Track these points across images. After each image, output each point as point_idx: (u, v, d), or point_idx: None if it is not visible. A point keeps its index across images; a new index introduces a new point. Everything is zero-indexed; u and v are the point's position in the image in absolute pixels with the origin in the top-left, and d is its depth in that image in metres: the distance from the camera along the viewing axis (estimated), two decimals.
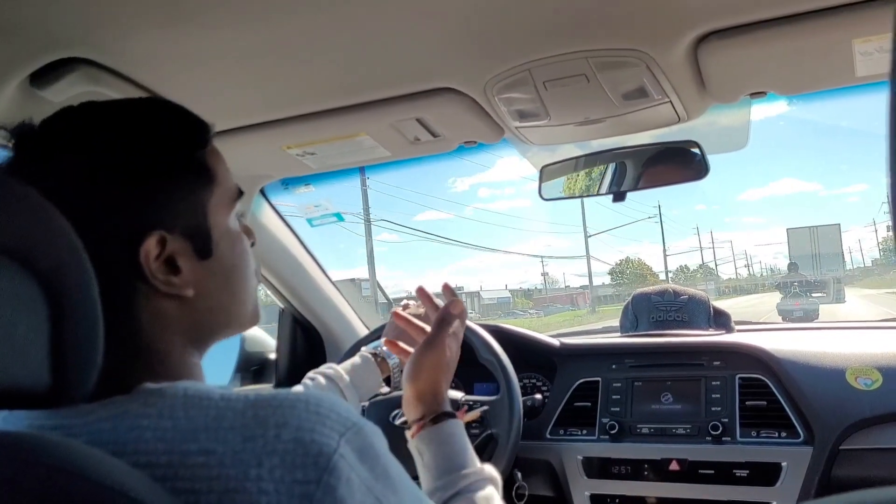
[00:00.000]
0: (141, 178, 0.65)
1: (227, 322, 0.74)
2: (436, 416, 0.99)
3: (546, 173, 1.55)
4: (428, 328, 1.15)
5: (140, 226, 0.64)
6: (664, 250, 64.03)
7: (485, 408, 1.45)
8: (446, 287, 1.16)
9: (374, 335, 1.61)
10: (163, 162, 0.67)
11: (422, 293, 1.21)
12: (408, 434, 1.01)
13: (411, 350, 1.13)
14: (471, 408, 1.48)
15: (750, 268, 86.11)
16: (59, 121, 0.68)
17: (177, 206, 0.67)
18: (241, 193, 0.76)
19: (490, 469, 0.95)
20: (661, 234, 62.83)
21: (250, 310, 0.77)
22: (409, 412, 1.03)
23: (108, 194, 0.64)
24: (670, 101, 1.19)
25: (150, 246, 0.64)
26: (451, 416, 1.00)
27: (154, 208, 0.65)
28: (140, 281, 0.64)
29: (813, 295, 26.24)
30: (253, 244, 0.79)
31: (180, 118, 0.71)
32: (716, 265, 78.60)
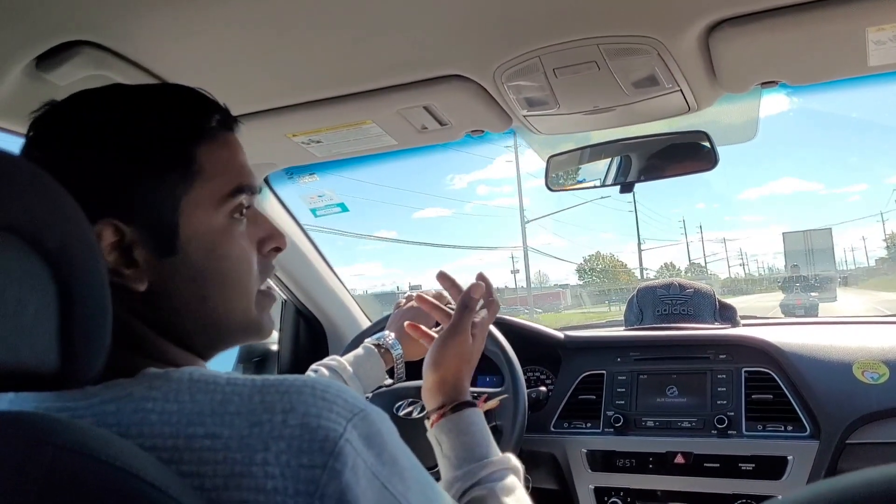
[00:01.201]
0: (104, 163, 0.64)
1: (210, 326, 0.70)
2: (455, 405, 0.98)
3: (553, 164, 1.55)
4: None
5: (94, 211, 0.61)
6: (639, 244, 59.02)
7: (505, 395, 1.44)
8: (481, 276, 1.10)
9: (377, 326, 1.60)
10: (131, 149, 0.65)
11: (443, 278, 1.13)
12: (427, 423, 1.01)
13: (433, 335, 1.12)
14: (490, 397, 1.47)
15: (745, 266, 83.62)
16: (77, 102, 0.69)
17: (141, 196, 0.65)
18: (240, 191, 0.70)
19: (511, 458, 0.94)
20: (636, 227, 58.82)
21: (238, 319, 0.71)
22: (428, 401, 1.02)
23: (71, 182, 0.60)
24: (681, 90, 1.18)
25: (101, 233, 0.63)
26: (471, 405, 0.99)
27: (113, 196, 0.64)
28: None
29: (811, 295, 27.54)
30: (279, 249, 0.76)
31: (181, 106, 0.69)
32: (705, 261, 73.73)
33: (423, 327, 1.20)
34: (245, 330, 0.73)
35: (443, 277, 1.12)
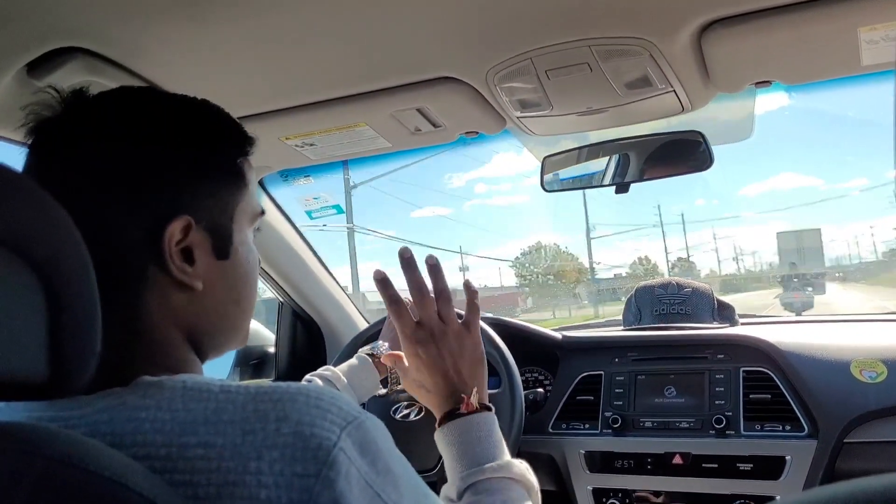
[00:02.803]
0: (180, 166, 0.67)
1: (227, 329, 0.74)
2: (446, 414, 0.97)
3: (548, 164, 1.54)
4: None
5: (170, 208, 0.66)
6: (587, 231, 48.79)
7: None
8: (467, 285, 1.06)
9: (372, 330, 1.61)
10: (204, 157, 0.69)
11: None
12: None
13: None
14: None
15: (739, 261, 78.65)
16: (117, 97, 0.70)
17: (207, 200, 0.69)
18: (263, 211, 0.78)
19: (514, 465, 0.90)
20: (585, 214, 49.16)
21: (247, 326, 0.78)
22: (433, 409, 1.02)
23: (147, 175, 0.66)
24: (674, 91, 1.18)
25: (176, 229, 0.65)
26: (460, 413, 0.96)
27: (186, 196, 0.67)
28: (155, 263, 0.65)
29: (807, 290, 31.33)
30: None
31: (229, 125, 0.74)
32: (688, 253, 67.57)
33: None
34: (247, 334, 0.78)
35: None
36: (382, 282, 1.00)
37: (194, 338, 0.70)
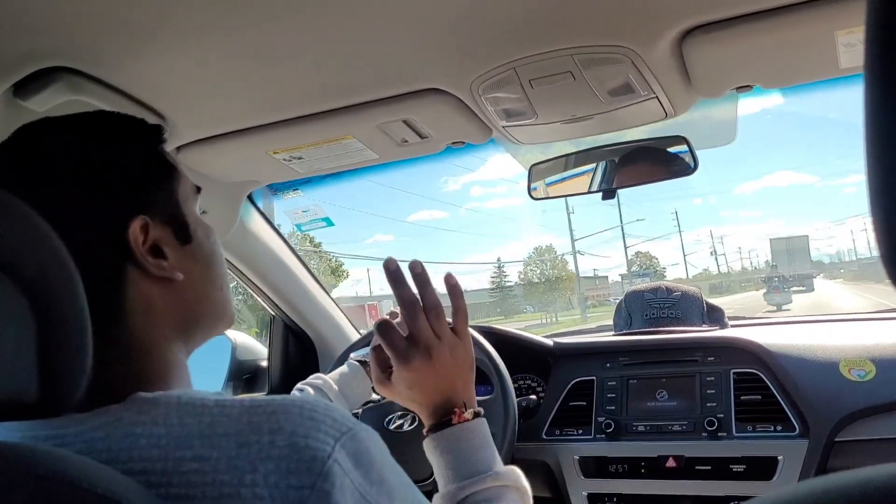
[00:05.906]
0: (119, 171, 0.69)
1: (210, 312, 0.76)
2: (435, 424, 0.94)
3: (535, 172, 1.55)
4: None
5: (124, 212, 0.67)
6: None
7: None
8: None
9: (364, 341, 1.61)
10: (135, 157, 0.71)
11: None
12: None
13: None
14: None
15: (718, 258, 77.89)
16: (29, 132, 0.70)
17: (154, 195, 0.71)
18: (199, 188, 0.80)
19: (513, 474, 0.89)
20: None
21: (229, 304, 0.79)
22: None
23: (91, 189, 0.67)
24: (656, 97, 1.18)
25: (135, 230, 0.67)
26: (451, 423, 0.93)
27: (135, 197, 0.69)
28: (130, 264, 0.67)
29: (792, 289, 39.06)
30: None
31: (135, 121, 0.76)
32: (624, 243, 64.17)
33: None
34: (233, 314, 0.80)
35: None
36: (395, 275, 0.91)
37: (182, 328, 0.72)
